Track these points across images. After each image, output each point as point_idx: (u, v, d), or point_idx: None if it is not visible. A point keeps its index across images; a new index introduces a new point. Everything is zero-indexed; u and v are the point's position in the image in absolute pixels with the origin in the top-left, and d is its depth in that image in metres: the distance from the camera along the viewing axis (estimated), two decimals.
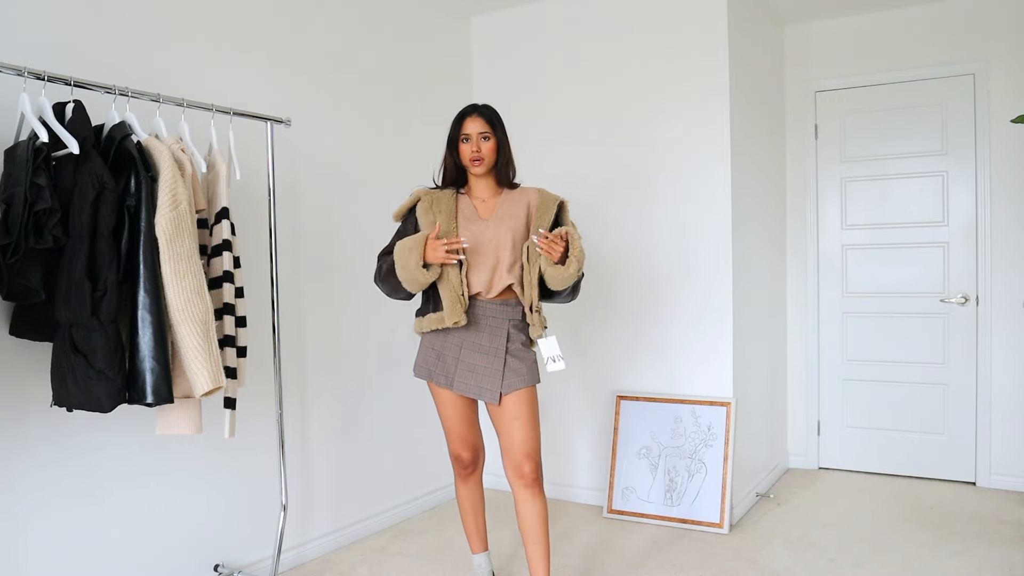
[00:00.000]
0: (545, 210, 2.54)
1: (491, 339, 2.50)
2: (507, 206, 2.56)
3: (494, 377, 2.48)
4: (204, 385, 2.15)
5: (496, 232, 2.50)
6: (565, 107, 3.99)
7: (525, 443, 2.49)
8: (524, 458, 2.49)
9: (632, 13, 3.80)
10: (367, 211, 3.52)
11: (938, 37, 4.10)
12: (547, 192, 2.60)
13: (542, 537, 2.52)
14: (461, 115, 2.55)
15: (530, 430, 2.50)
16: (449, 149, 2.58)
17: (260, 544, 3.04)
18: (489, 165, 2.53)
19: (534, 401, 2.53)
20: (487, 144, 2.51)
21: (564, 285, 2.46)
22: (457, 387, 2.53)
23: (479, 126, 2.51)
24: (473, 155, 2.50)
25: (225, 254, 2.41)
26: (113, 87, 2.25)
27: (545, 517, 2.53)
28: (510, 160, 2.58)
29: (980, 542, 3.29)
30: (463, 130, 2.52)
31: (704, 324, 3.68)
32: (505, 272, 2.50)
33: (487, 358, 2.50)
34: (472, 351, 2.51)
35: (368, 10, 3.59)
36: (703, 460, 3.58)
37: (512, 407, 2.49)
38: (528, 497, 2.51)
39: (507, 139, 2.58)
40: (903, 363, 4.27)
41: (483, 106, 2.57)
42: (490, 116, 2.54)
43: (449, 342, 2.54)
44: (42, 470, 2.35)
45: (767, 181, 4.18)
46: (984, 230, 4.04)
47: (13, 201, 1.94)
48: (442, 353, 2.55)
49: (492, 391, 2.48)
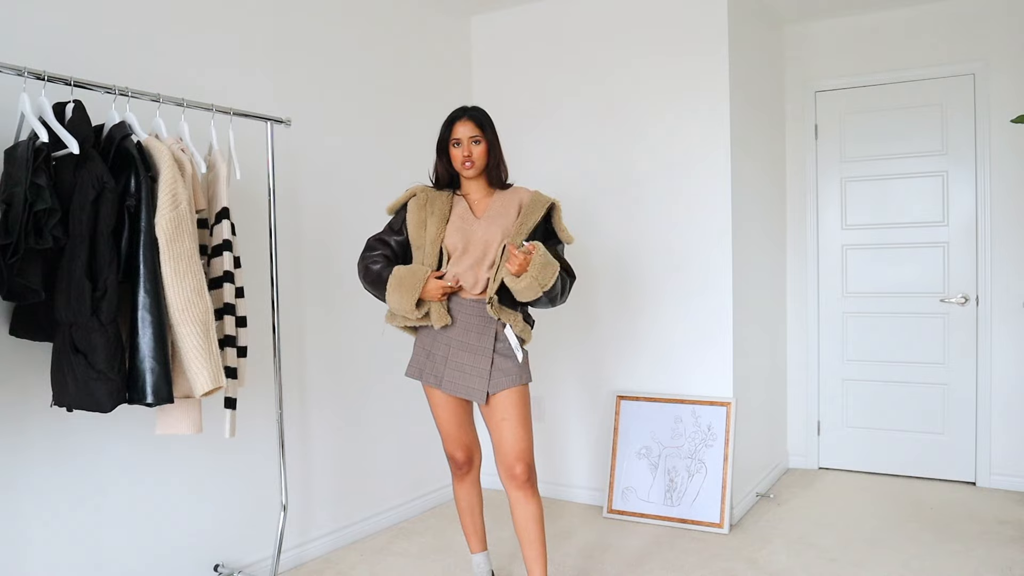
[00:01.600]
0: (533, 211, 2.52)
1: (479, 338, 2.48)
2: (498, 206, 2.55)
3: (481, 376, 2.47)
4: (204, 385, 2.15)
5: (486, 231, 2.49)
6: (565, 107, 3.98)
7: (515, 444, 2.48)
8: (514, 460, 2.48)
9: (632, 13, 3.80)
10: (367, 211, 3.51)
11: (938, 37, 4.10)
12: (540, 194, 2.58)
13: (537, 538, 2.50)
14: (451, 119, 2.53)
15: (520, 430, 2.48)
16: (439, 154, 2.57)
17: (260, 544, 3.04)
18: (480, 168, 2.52)
19: (524, 401, 2.51)
20: (478, 148, 2.50)
21: (521, 298, 2.43)
22: (446, 387, 2.52)
23: (469, 130, 2.49)
24: (464, 159, 2.49)
25: (225, 254, 2.41)
26: (113, 87, 2.25)
27: (540, 518, 2.51)
28: (501, 161, 2.58)
29: (980, 542, 3.29)
30: (453, 135, 2.51)
31: (704, 324, 3.68)
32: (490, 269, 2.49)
33: (475, 357, 2.48)
34: (460, 350, 2.50)
35: (368, 10, 3.59)
36: (703, 460, 3.58)
37: (501, 407, 2.48)
38: (521, 498, 2.50)
39: (498, 140, 2.56)
40: (903, 363, 4.26)
41: (472, 108, 2.56)
42: (480, 119, 2.52)
43: (439, 341, 2.53)
44: (42, 470, 2.35)
45: (767, 181, 4.18)
46: (984, 230, 4.04)
47: (13, 201, 1.94)
48: (432, 352, 2.55)
49: (479, 390, 2.47)
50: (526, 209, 2.52)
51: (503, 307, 2.49)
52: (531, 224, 2.50)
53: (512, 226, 2.51)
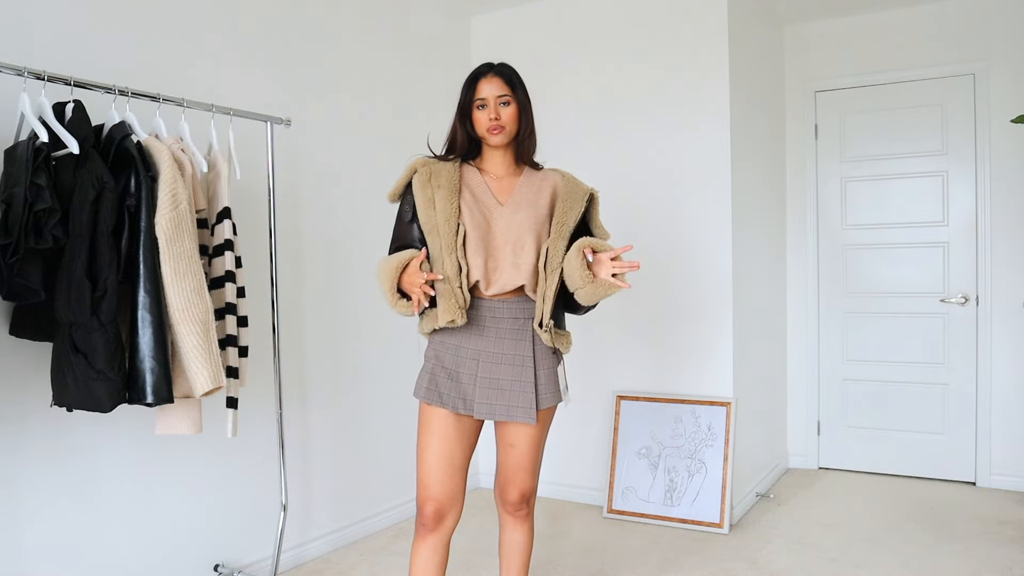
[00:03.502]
0: (573, 204, 2.09)
1: (515, 345, 2.06)
2: (526, 191, 2.11)
3: (526, 392, 2.04)
4: (204, 385, 2.15)
5: (510, 221, 2.06)
6: (564, 107, 3.98)
7: (517, 472, 2.15)
8: (515, 489, 2.18)
9: (632, 13, 3.80)
10: (367, 211, 3.52)
11: (938, 37, 4.10)
12: (574, 179, 2.15)
13: (519, 568, 2.24)
14: (474, 76, 2.11)
15: (533, 457, 2.14)
16: (460, 117, 2.12)
17: (260, 544, 3.04)
18: (510, 135, 2.09)
19: (548, 425, 2.17)
20: (507, 110, 2.07)
21: (595, 300, 2.03)
22: (480, 410, 2.04)
23: (497, 88, 2.07)
24: (491, 123, 2.05)
25: (227, 254, 2.41)
26: (113, 87, 2.25)
27: (527, 549, 2.24)
28: (533, 131, 2.14)
29: (980, 542, 3.29)
30: (477, 94, 2.08)
31: (704, 324, 3.68)
32: (518, 270, 2.05)
33: (513, 369, 2.05)
34: (493, 363, 2.05)
35: (368, 10, 3.59)
36: (703, 460, 3.58)
37: (522, 429, 2.11)
38: (511, 524, 2.23)
39: (530, 104, 2.13)
40: (903, 363, 4.27)
41: (500, 64, 2.13)
42: (510, 76, 2.10)
43: (463, 356, 2.07)
44: (42, 470, 2.35)
45: (767, 181, 4.18)
46: (984, 230, 4.04)
47: (13, 201, 1.94)
48: (456, 371, 2.07)
49: (527, 408, 2.03)
50: (563, 202, 2.10)
51: (559, 331, 2.10)
52: (572, 223, 2.08)
53: (544, 219, 2.08)
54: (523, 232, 2.04)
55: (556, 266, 2.03)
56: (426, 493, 2.07)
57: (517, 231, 2.05)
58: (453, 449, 2.07)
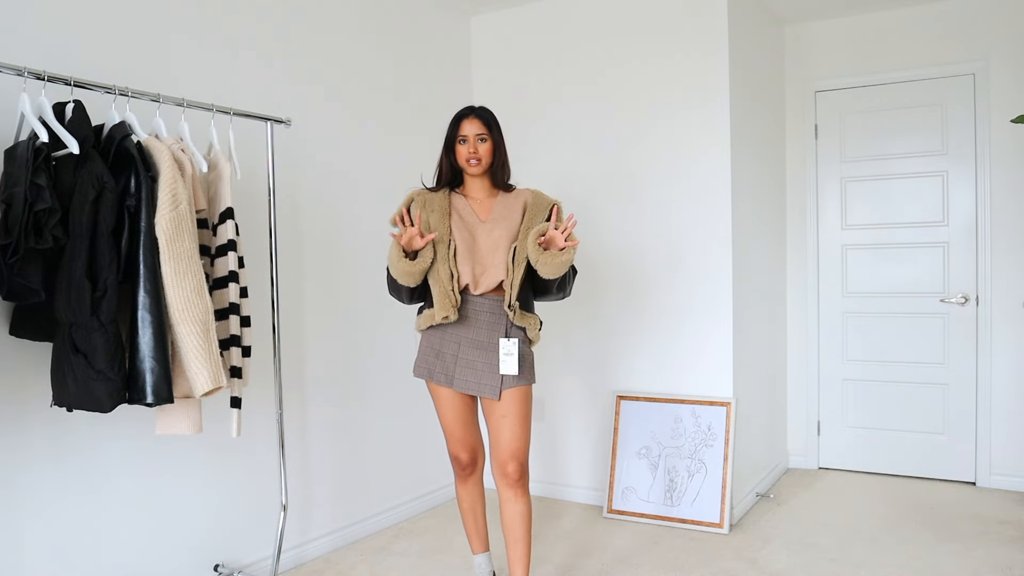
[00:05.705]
0: (539, 212, 2.57)
1: (489, 335, 2.54)
2: (502, 208, 2.60)
3: (493, 372, 2.52)
4: (204, 385, 2.16)
5: (491, 234, 2.55)
6: (565, 106, 3.99)
7: (511, 442, 2.53)
8: (509, 458, 2.53)
9: (632, 13, 3.80)
10: (367, 211, 3.52)
11: (938, 37, 4.10)
12: (541, 194, 2.64)
13: (522, 537, 2.55)
14: (458, 117, 2.60)
15: (518, 429, 2.53)
16: (446, 151, 2.62)
17: (260, 544, 3.04)
18: (485, 166, 2.58)
19: (527, 401, 2.56)
20: (484, 145, 2.56)
21: (557, 272, 2.44)
22: (457, 384, 2.55)
23: (476, 128, 2.55)
24: (470, 155, 2.54)
25: (230, 254, 2.41)
26: (113, 87, 2.25)
27: (527, 517, 2.56)
28: (505, 162, 2.63)
29: (980, 542, 3.29)
30: (460, 132, 2.57)
31: (704, 324, 3.68)
32: (498, 271, 2.53)
33: (485, 354, 2.53)
34: (471, 348, 2.54)
35: (368, 10, 3.59)
36: (703, 460, 3.58)
37: (503, 404, 2.53)
38: (511, 497, 2.55)
39: (503, 141, 2.63)
40: (903, 363, 4.27)
41: (480, 108, 2.62)
42: (487, 118, 2.59)
43: (447, 340, 2.57)
44: (42, 470, 2.35)
45: (767, 181, 4.18)
46: (984, 230, 4.04)
47: (13, 201, 1.94)
48: (441, 351, 2.58)
49: (492, 386, 2.52)
50: (531, 212, 2.57)
51: (524, 312, 2.54)
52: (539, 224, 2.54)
53: (517, 228, 2.56)
54: (501, 241, 2.54)
55: (522, 259, 2.50)
56: (457, 446, 2.68)
57: (497, 240, 2.54)
58: (460, 410, 2.64)
